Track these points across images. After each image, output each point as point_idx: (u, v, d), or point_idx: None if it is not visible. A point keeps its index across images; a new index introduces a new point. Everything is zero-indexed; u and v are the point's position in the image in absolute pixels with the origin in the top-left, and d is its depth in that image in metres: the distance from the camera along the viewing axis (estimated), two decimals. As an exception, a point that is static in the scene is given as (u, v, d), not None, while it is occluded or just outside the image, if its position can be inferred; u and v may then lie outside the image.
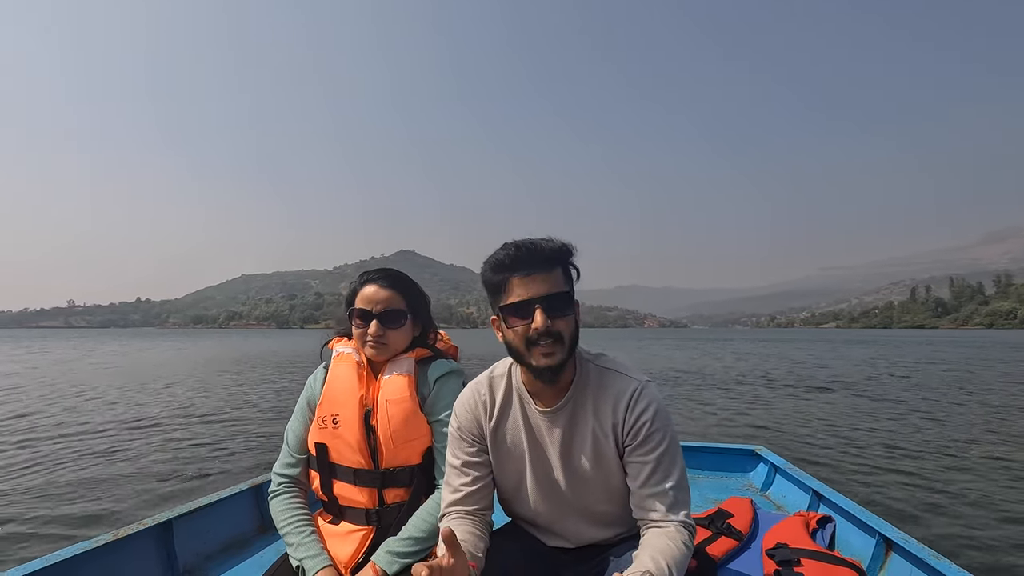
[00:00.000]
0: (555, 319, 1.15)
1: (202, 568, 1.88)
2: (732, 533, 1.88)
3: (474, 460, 1.31)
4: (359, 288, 1.49)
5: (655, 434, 1.20)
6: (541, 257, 1.16)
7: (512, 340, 1.19)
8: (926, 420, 7.81)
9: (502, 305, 1.17)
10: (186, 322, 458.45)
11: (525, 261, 1.15)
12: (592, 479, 1.27)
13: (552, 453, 1.29)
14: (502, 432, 1.32)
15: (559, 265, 1.19)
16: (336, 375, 1.49)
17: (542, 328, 1.13)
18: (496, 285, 1.19)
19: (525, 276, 1.15)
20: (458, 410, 1.35)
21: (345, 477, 1.44)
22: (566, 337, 1.17)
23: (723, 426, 7.54)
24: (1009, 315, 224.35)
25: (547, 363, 1.16)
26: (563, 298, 1.16)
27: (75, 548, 1.58)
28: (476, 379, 1.38)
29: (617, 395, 1.24)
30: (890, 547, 1.76)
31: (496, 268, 1.18)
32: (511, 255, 1.16)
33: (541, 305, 1.13)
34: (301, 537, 1.39)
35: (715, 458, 3.06)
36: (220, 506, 2.08)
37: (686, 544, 1.14)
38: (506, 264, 1.16)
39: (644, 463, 1.20)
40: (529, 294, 1.14)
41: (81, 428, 7.29)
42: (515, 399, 1.31)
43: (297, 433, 1.52)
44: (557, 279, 1.17)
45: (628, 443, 1.22)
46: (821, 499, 2.24)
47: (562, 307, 1.16)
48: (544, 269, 1.16)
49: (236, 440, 6.60)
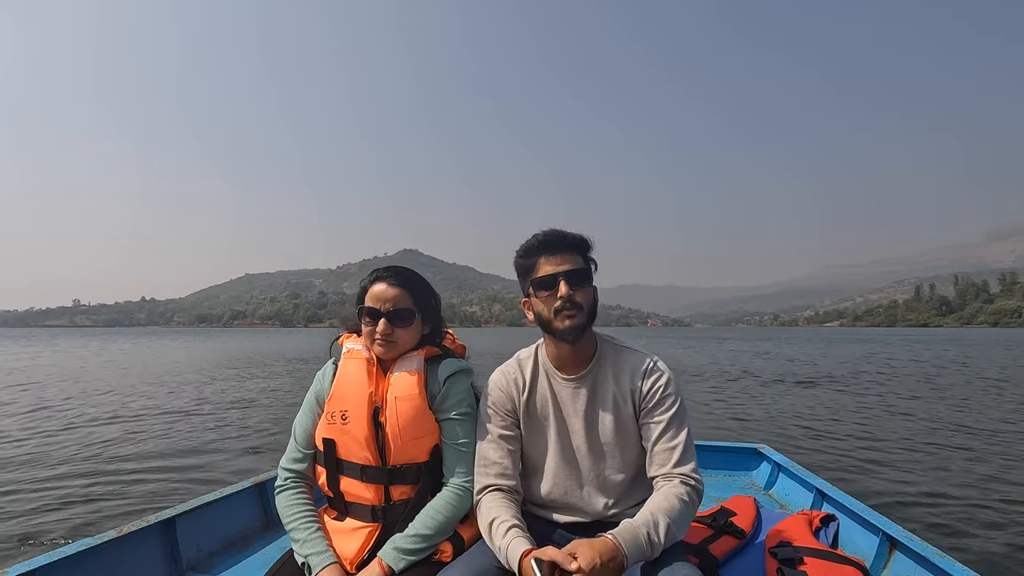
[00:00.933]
0: (576, 290, 1.37)
1: (206, 565, 1.88)
2: (735, 532, 1.90)
3: (508, 434, 1.47)
4: (369, 286, 1.51)
5: (668, 397, 1.41)
6: (564, 242, 1.40)
7: (541, 311, 1.41)
8: (929, 418, 7.80)
9: (532, 279, 1.40)
10: (191, 321, 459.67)
11: (551, 243, 1.40)
12: (611, 444, 1.45)
13: (576, 419, 1.46)
14: (532, 404, 1.50)
15: (578, 251, 1.42)
16: (346, 371, 1.50)
17: (565, 295, 1.35)
18: (527, 267, 1.42)
19: (551, 256, 1.39)
20: (491, 389, 1.52)
21: (352, 473, 1.45)
22: (586, 306, 1.39)
23: (725, 424, 7.55)
24: (1014, 313, 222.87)
25: (570, 324, 1.36)
26: (583, 273, 1.39)
27: (79, 545, 1.59)
28: (504, 364, 1.56)
29: (634, 366, 1.45)
30: (894, 545, 1.77)
31: (527, 252, 1.42)
32: (539, 239, 1.41)
33: (564, 278, 1.36)
34: (307, 533, 1.41)
35: (718, 456, 3.07)
36: (224, 503, 2.08)
37: (685, 497, 1.29)
38: (535, 247, 1.41)
39: (658, 423, 1.39)
40: (554, 269, 1.37)
41: (88, 423, 7.32)
42: (542, 374, 1.50)
43: (305, 428, 1.53)
44: (577, 260, 1.40)
45: (644, 406, 1.42)
46: (824, 497, 2.25)
47: (582, 280, 1.38)
48: (567, 251, 1.39)
49: (239, 437, 6.63)
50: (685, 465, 1.35)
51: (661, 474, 1.36)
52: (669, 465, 1.35)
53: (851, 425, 7.31)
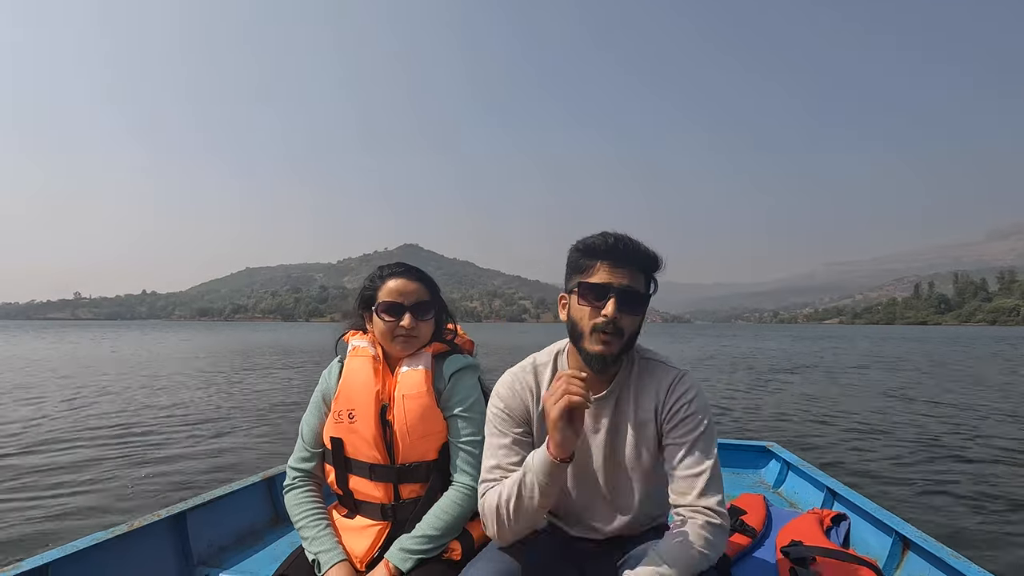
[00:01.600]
0: (624, 314, 1.18)
1: (216, 559, 1.89)
2: (746, 530, 1.89)
3: (524, 439, 1.31)
4: (382, 282, 1.48)
5: (692, 417, 1.23)
6: (634, 255, 1.20)
7: (579, 319, 1.21)
8: (940, 417, 7.70)
9: (582, 281, 1.20)
10: (192, 315, 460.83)
11: (620, 253, 1.19)
12: (631, 469, 1.30)
13: (595, 439, 1.31)
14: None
15: (645, 271, 1.23)
16: (352, 369, 1.48)
17: (611, 316, 1.16)
18: (581, 265, 1.22)
19: (614, 266, 1.19)
20: (502, 393, 1.34)
21: (361, 472, 1.44)
22: (627, 333, 1.21)
23: (732, 421, 7.46)
24: (1012, 312, 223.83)
25: (601, 350, 1.19)
26: (639, 297, 1.20)
27: (91, 538, 1.60)
28: (518, 365, 1.39)
29: (659, 381, 1.28)
30: (907, 546, 1.74)
31: (588, 250, 1.21)
32: (609, 243, 1.19)
33: (617, 295, 1.16)
34: (316, 531, 1.40)
35: (726, 454, 3.02)
36: (233, 498, 2.09)
37: (707, 545, 1.14)
38: (601, 249, 1.19)
39: (681, 444, 1.22)
40: (611, 280, 1.17)
41: (95, 418, 7.36)
42: None
43: (312, 427, 1.52)
44: (640, 281, 1.21)
45: (667, 426, 1.26)
46: (835, 496, 2.22)
47: (635, 306, 1.20)
48: (632, 266, 1.20)
49: (248, 431, 6.63)
50: (710, 497, 1.18)
51: (683, 505, 1.19)
52: (692, 495, 1.18)
53: (860, 423, 7.24)
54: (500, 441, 1.30)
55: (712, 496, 1.18)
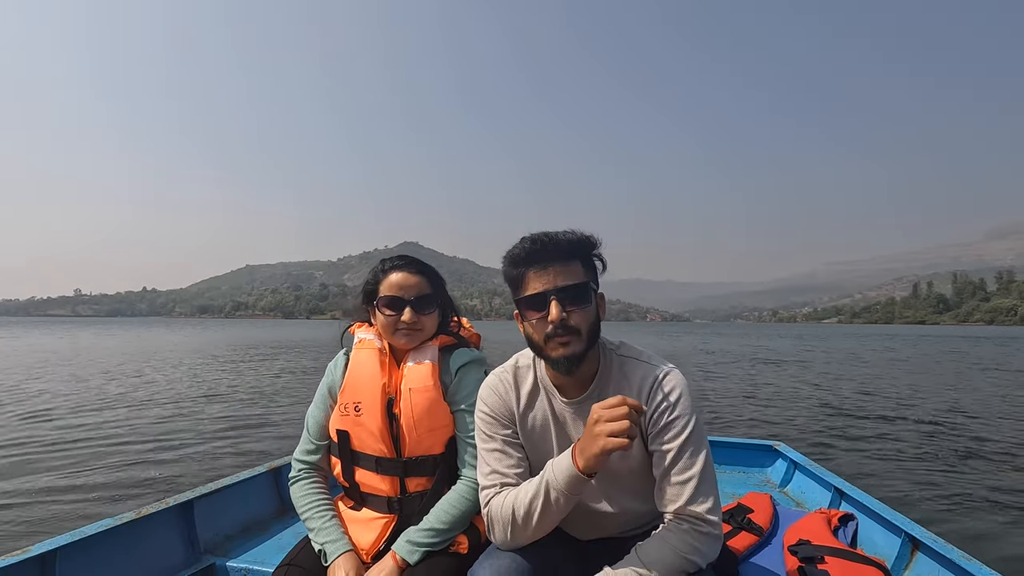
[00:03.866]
0: (571, 311, 1.14)
1: (222, 548, 1.90)
2: (753, 528, 1.88)
3: (513, 440, 1.29)
4: (384, 276, 1.47)
5: (677, 420, 1.16)
6: (557, 250, 1.15)
7: (531, 333, 1.19)
8: (950, 416, 7.65)
9: (517, 298, 1.18)
10: (192, 312, 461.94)
11: (540, 254, 1.15)
12: (617, 472, 1.26)
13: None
14: (529, 423, 1.30)
15: (577, 257, 1.18)
16: (358, 362, 1.48)
17: (557, 320, 1.12)
18: (514, 279, 1.19)
19: (541, 269, 1.15)
20: (485, 396, 1.32)
21: (367, 465, 1.44)
22: (583, 329, 1.15)
23: (735, 421, 7.45)
24: (1010, 312, 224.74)
25: (562, 353, 1.14)
26: (580, 289, 1.15)
27: (99, 525, 1.61)
28: (501, 367, 1.36)
29: (640, 383, 1.21)
30: (916, 546, 1.72)
31: (513, 262, 1.18)
32: (527, 248, 1.15)
33: (556, 297, 1.12)
34: (322, 522, 1.40)
35: (732, 453, 3.02)
36: (240, 487, 2.11)
37: (694, 552, 1.09)
38: (522, 257, 1.16)
39: (666, 451, 1.16)
40: (544, 286, 1.13)
41: (103, 408, 7.40)
42: (541, 391, 1.30)
43: (317, 420, 1.52)
44: (575, 271, 1.16)
45: (650, 431, 1.19)
46: (843, 496, 2.20)
47: (579, 299, 1.15)
48: (561, 261, 1.15)
49: (254, 422, 6.66)
50: (699, 503, 1.11)
51: (671, 511, 1.14)
52: (680, 501, 1.13)
53: (867, 422, 7.21)
54: (491, 445, 1.27)
55: (702, 502, 1.12)
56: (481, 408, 1.32)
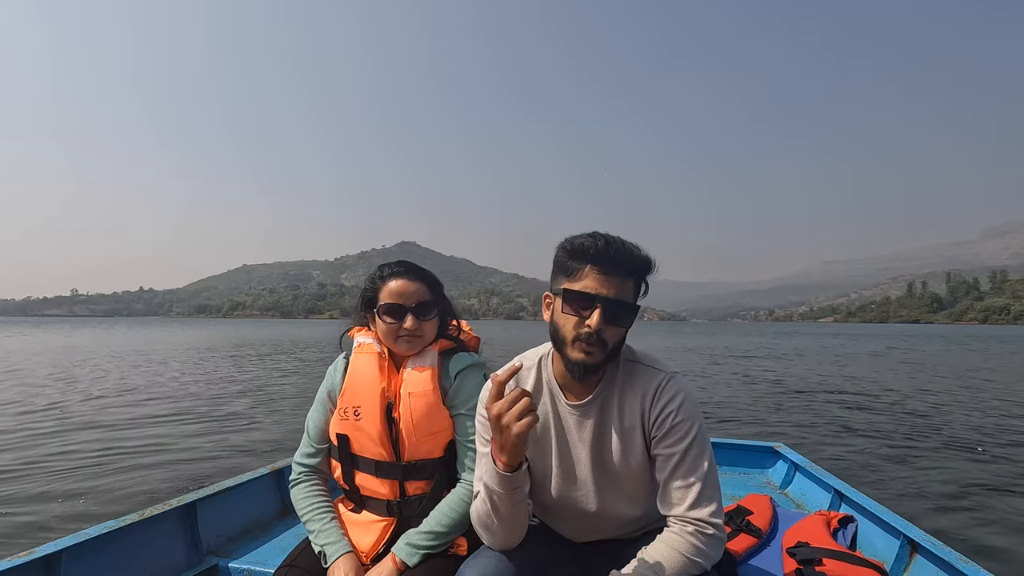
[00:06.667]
0: (609, 325, 1.13)
1: (225, 549, 1.92)
2: (752, 530, 1.88)
3: None
4: (383, 283, 1.46)
5: (680, 425, 1.17)
6: (625, 261, 1.13)
7: (561, 325, 1.16)
8: (950, 418, 7.67)
9: (567, 288, 1.14)
10: (190, 311, 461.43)
11: (610, 258, 1.12)
12: (618, 475, 1.26)
13: (581, 448, 1.28)
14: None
15: (636, 276, 1.17)
16: (357, 366, 1.48)
17: (594, 328, 1.11)
18: (567, 267, 1.16)
19: (602, 273, 1.12)
20: (485, 399, 1.28)
21: (367, 468, 1.45)
22: (611, 345, 1.15)
23: (736, 422, 7.46)
24: (1003, 311, 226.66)
25: (582, 359, 1.14)
26: (627, 309, 1.14)
27: (103, 527, 1.62)
28: (502, 370, 1.32)
29: (645, 388, 1.22)
30: (915, 549, 1.73)
31: (575, 252, 1.14)
32: (598, 247, 1.11)
33: (603, 306, 1.11)
34: (322, 524, 1.42)
35: (733, 454, 3.02)
36: (242, 489, 2.12)
37: (698, 553, 1.10)
38: (589, 253, 1.12)
39: (669, 455, 1.17)
40: (597, 290, 1.11)
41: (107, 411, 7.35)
42: (545, 391, 1.30)
43: (317, 424, 1.52)
44: (629, 289, 1.15)
45: (654, 435, 1.20)
46: (842, 498, 2.21)
47: (621, 318, 1.14)
48: (623, 274, 1.13)
49: (256, 423, 6.66)
50: (702, 508, 1.12)
51: (674, 515, 1.15)
52: (683, 506, 1.13)
53: (866, 422, 7.25)
54: (487, 449, 1.25)
55: (705, 507, 1.13)
56: (481, 412, 1.30)
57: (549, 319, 1.21)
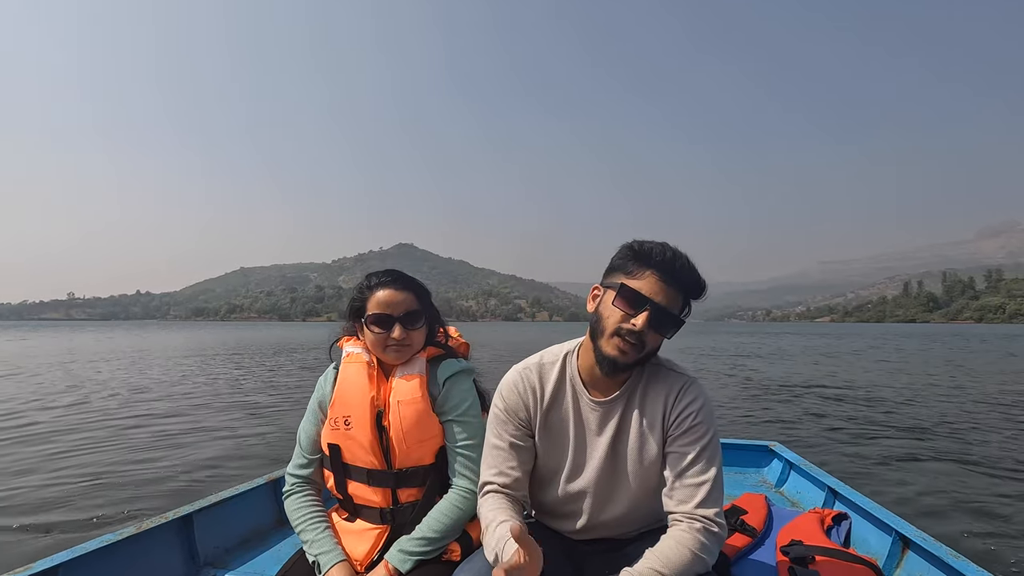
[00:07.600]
0: (652, 331, 1.17)
1: (222, 560, 1.92)
2: (746, 529, 1.89)
3: (519, 444, 1.31)
4: (370, 293, 1.47)
5: (698, 426, 1.22)
6: (684, 278, 1.18)
7: (606, 317, 1.20)
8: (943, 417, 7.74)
9: (624, 283, 1.18)
10: (187, 315, 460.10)
11: (672, 269, 1.17)
12: (628, 476, 1.29)
13: (598, 446, 1.30)
14: (552, 419, 1.33)
15: (687, 294, 1.21)
16: (346, 376, 1.49)
17: (638, 329, 1.15)
18: (627, 268, 1.20)
19: (661, 280, 1.17)
20: (504, 392, 1.34)
21: (359, 477, 1.46)
22: (648, 348, 1.20)
23: (731, 421, 7.51)
24: (998, 310, 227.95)
25: (616, 355, 1.18)
26: (673, 320, 1.19)
27: (100, 540, 1.62)
28: (523, 363, 1.37)
29: (668, 388, 1.27)
30: (907, 545, 1.75)
31: (640, 256, 1.19)
32: (666, 256, 1.17)
33: (652, 312, 1.15)
34: (315, 534, 1.43)
35: (729, 454, 3.03)
36: (239, 500, 2.12)
37: (704, 550, 1.13)
38: (656, 258, 1.17)
39: (684, 453, 1.21)
40: (652, 294, 1.16)
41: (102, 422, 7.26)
42: (568, 387, 1.32)
43: (309, 434, 1.53)
44: (678, 303, 1.20)
45: (671, 433, 1.25)
46: (837, 496, 2.23)
47: (665, 327, 1.18)
48: (678, 287, 1.18)
49: (252, 433, 6.61)
50: (709, 507, 1.17)
51: (681, 512, 1.18)
52: (691, 504, 1.17)
53: (863, 423, 7.27)
54: (498, 443, 1.30)
55: (711, 507, 1.17)
56: (497, 404, 1.34)
57: (594, 309, 1.25)
